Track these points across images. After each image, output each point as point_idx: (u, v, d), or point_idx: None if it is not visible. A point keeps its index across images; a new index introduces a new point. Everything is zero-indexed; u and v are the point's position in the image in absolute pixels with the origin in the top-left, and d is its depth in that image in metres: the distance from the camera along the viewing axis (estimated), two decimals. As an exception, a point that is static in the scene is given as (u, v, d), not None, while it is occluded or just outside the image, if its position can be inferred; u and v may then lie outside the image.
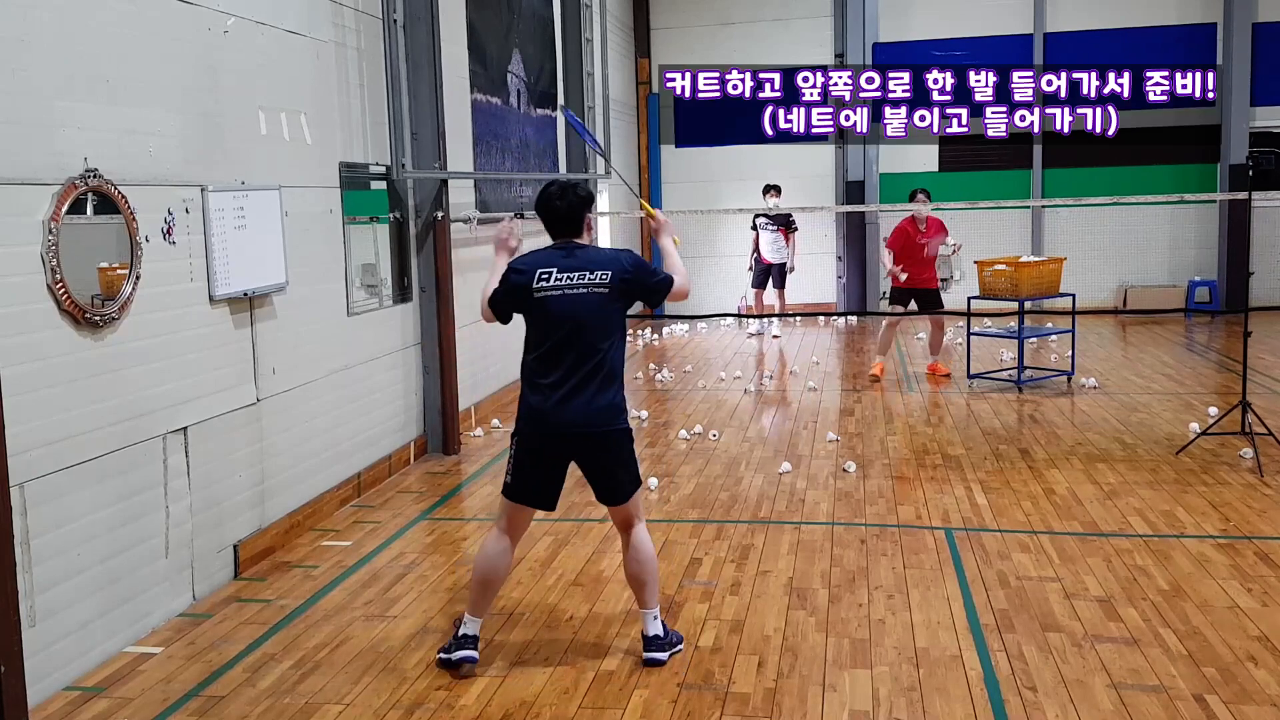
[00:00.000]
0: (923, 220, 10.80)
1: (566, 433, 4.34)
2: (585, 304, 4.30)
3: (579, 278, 4.32)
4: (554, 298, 4.31)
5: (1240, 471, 7.11)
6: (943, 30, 15.90)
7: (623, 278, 4.36)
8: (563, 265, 4.35)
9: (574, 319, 4.29)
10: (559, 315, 4.30)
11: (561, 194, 4.42)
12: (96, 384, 4.63)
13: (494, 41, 9.81)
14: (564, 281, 4.31)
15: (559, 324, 4.30)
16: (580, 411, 4.31)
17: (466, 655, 4.42)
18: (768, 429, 8.91)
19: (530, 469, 4.41)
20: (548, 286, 4.31)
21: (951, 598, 5.13)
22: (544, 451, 4.39)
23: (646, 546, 4.54)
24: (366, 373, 7.28)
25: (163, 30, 5.14)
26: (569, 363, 4.30)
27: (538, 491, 4.46)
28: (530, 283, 4.33)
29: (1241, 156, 14.79)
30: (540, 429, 4.36)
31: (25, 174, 4.26)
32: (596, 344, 4.32)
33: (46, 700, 4.31)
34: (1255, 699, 4.05)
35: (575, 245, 4.43)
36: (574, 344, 4.30)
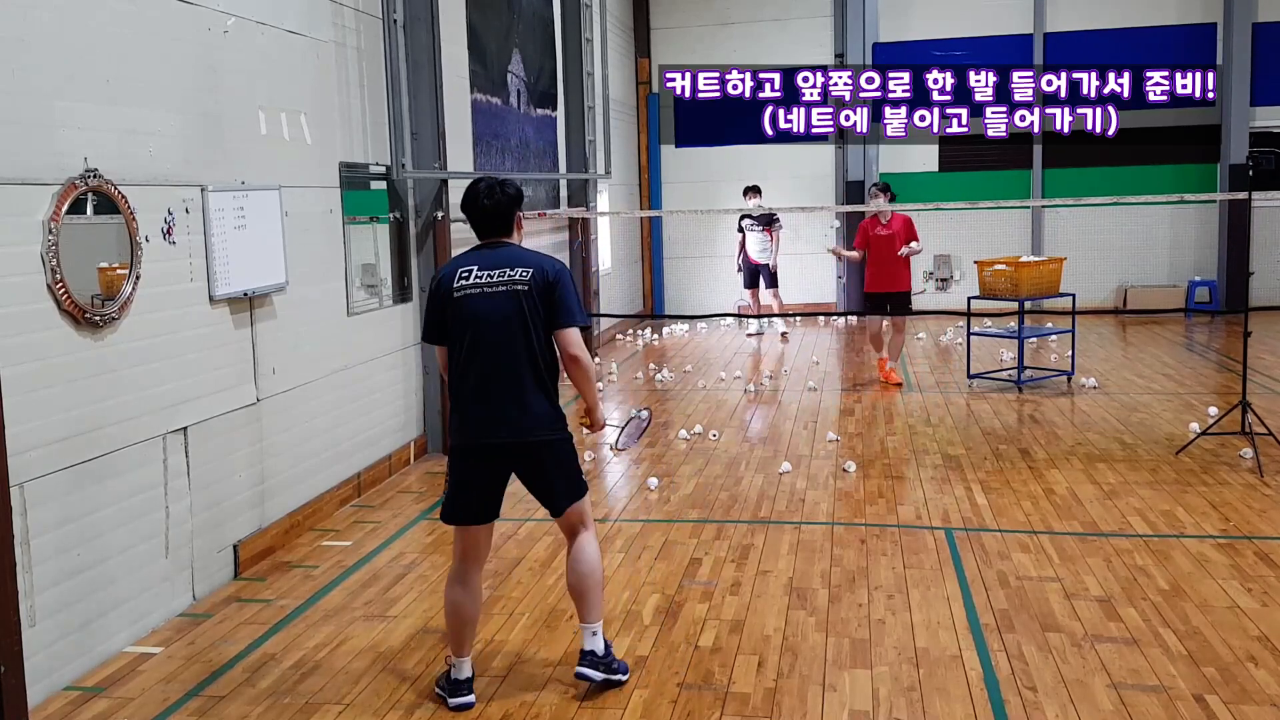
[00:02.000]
0: (885, 215, 10.55)
1: (498, 445, 4.05)
2: (506, 303, 4.00)
3: (499, 275, 4.03)
4: (473, 296, 4.02)
5: (1240, 471, 7.11)
6: (943, 30, 15.90)
7: (545, 280, 4.04)
8: (483, 263, 4.08)
9: (494, 319, 4.00)
10: (477, 315, 4.01)
11: (489, 192, 4.09)
12: (96, 384, 4.63)
13: (494, 41, 9.81)
14: (483, 279, 4.03)
15: (478, 324, 4.01)
16: (512, 422, 4.03)
17: (464, 702, 4.14)
18: (768, 429, 8.91)
19: (468, 488, 4.12)
20: (466, 285, 4.03)
21: (951, 598, 5.13)
22: (479, 468, 4.09)
23: (589, 556, 4.21)
24: (366, 373, 7.28)
25: (163, 30, 5.14)
26: (493, 369, 4.01)
27: (476, 510, 4.14)
28: (450, 284, 4.05)
29: (1241, 156, 14.79)
30: (473, 442, 4.07)
31: (25, 174, 4.26)
32: (520, 348, 4.01)
33: (46, 700, 4.31)
34: (1255, 699, 4.05)
35: (501, 244, 4.15)
36: (497, 347, 4.01)
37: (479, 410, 4.05)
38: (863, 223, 10.91)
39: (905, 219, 10.69)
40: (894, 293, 10.64)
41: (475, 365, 4.04)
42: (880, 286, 10.67)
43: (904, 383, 10.56)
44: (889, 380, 10.62)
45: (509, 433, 4.04)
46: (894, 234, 10.57)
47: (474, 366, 4.04)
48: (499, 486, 4.18)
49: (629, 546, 6.00)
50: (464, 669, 4.20)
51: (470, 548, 4.18)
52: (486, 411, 4.04)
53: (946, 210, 11.23)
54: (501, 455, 4.09)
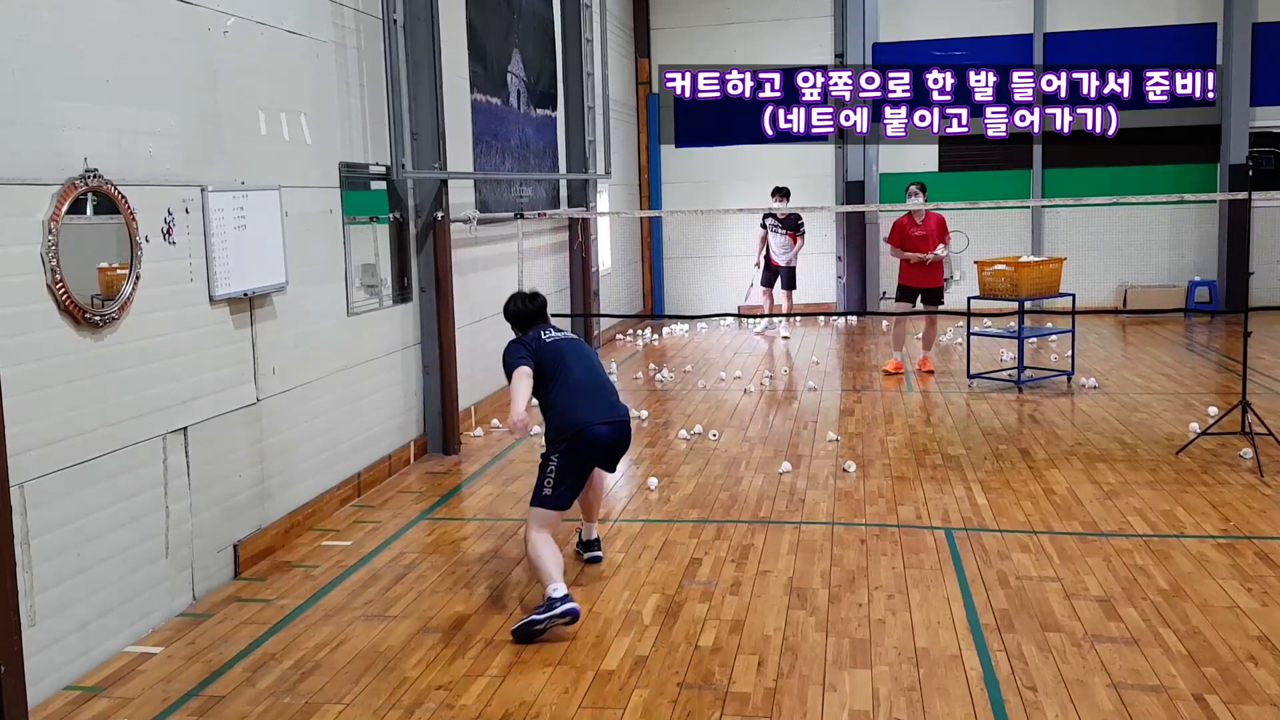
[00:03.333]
0: (920, 214, 10.88)
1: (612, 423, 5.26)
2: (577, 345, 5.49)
3: (561, 335, 5.50)
4: (558, 342, 5.40)
5: (1240, 471, 7.11)
6: (943, 30, 15.90)
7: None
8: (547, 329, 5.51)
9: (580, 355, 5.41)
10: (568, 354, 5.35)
11: (531, 299, 5.58)
12: (96, 384, 4.63)
13: (494, 41, 9.81)
14: (557, 336, 5.47)
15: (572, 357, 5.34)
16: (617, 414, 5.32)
17: (572, 608, 4.79)
18: (768, 429, 8.91)
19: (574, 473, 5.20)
20: (551, 338, 5.42)
21: (951, 598, 5.13)
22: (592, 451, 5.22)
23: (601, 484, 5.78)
24: (366, 373, 7.28)
25: (162, 30, 5.14)
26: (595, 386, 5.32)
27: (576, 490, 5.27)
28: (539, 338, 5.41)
29: (1241, 156, 14.79)
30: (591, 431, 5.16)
31: (25, 174, 4.26)
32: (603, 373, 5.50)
33: (46, 700, 4.32)
34: (1255, 699, 4.05)
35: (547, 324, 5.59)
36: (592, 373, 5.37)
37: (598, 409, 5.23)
38: (898, 221, 11.19)
39: (939, 218, 11.06)
40: (927, 288, 11.11)
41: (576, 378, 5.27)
42: (914, 281, 11.14)
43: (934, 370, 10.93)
44: (924, 367, 11.14)
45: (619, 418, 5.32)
46: (929, 234, 10.95)
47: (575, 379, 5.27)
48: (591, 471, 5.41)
49: (629, 546, 6.00)
50: (563, 586, 4.87)
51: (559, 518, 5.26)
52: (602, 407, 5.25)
53: (946, 210, 11.24)
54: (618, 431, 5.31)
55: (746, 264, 15.39)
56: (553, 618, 4.74)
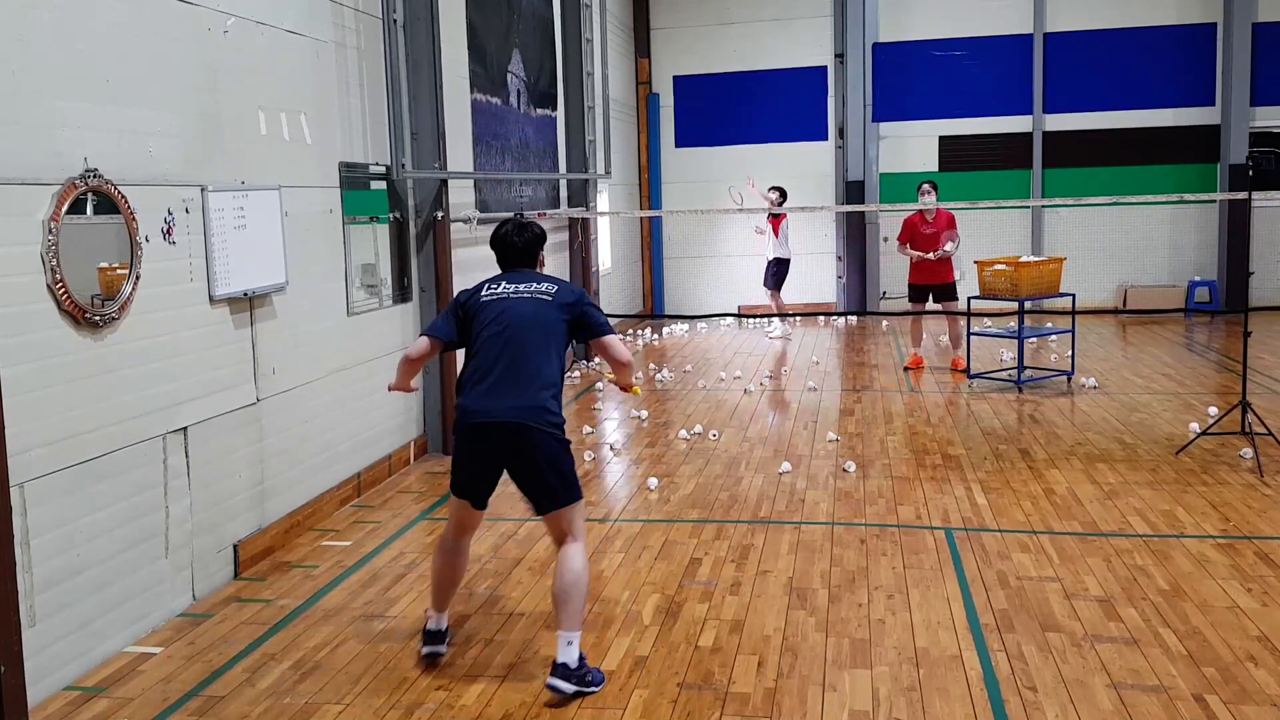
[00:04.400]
0: (930, 212, 10.91)
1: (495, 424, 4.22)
2: (525, 306, 4.35)
3: (525, 287, 4.41)
4: (496, 301, 4.39)
5: (1240, 471, 7.11)
6: (943, 30, 15.90)
7: (569, 297, 4.43)
8: (511, 280, 4.48)
9: (513, 320, 4.30)
10: (498, 315, 4.33)
11: (519, 230, 4.56)
12: (96, 384, 4.64)
13: (494, 41, 9.81)
14: (510, 290, 4.41)
15: (500, 320, 4.31)
16: (507, 406, 4.21)
17: (433, 651, 4.56)
18: (768, 429, 8.91)
19: (463, 465, 4.40)
20: (495, 292, 4.42)
21: (951, 598, 5.13)
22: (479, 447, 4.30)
23: (574, 566, 4.24)
24: (366, 373, 7.28)
25: (162, 30, 5.14)
26: (505, 360, 4.26)
27: (470, 487, 4.43)
28: (479, 294, 4.44)
29: (1241, 156, 14.79)
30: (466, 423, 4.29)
31: (25, 174, 4.26)
32: (532, 348, 4.27)
33: (46, 700, 4.32)
34: (1255, 699, 4.05)
35: (526, 271, 4.57)
36: (513, 343, 4.27)
37: (483, 392, 4.27)
38: (909, 219, 11.24)
39: (949, 216, 11.15)
40: (938, 285, 11.13)
41: (488, 355, 4.30)
42: (924, 279, 11.19)
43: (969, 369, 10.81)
44: (957, 367, 11.13)
45: (507, 412, 4.21)
46: (938, 231, 11.04)
47: (487, 356, 4.30)
48: (491, 471, 4.38)
49: (629, 546, 6.00)
50: (440, 621, 4.59)
51: (465, 520, 4.56)
52: (490, 393, 4.26)
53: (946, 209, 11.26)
54: (498, 435, 4.24)
55: (746, 264, 15.42)
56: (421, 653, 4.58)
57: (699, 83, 16.67)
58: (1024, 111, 15.80)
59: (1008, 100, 15.84)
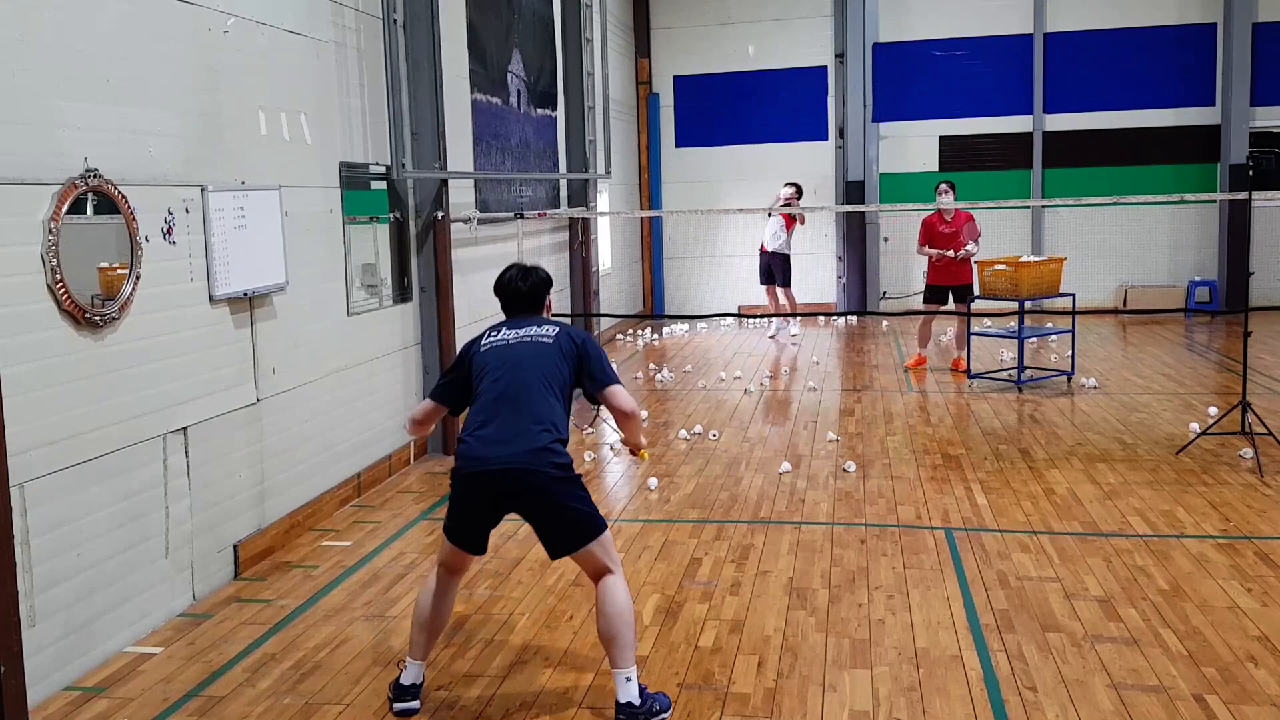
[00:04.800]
0: (949, 212, 10.90)
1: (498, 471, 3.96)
2: (525, 350, 4.14)
3: (524, 333, 4.21)
4: (497, 348, 4.18)
5: (1240, 471, 7.11)
6: (943, 30, 15.90)
7: (570, 339, 4.21)
8: (512, 326, 4.27)
9: (511, 366, 4.10)
10: (501, 360, 4.13)
11: (524, 276, 4.36)
12: (96, 384, 4.63)
13: (494, 41, 9.81)
14: (510, 336, 4.21)
15: (496, 369, 4.11)
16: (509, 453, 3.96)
17: (407, 708, 4.10)
18: (768, 429, 8.91)
19: (462, 513, 4.12)
20: (494, 340, 4.22)
21: (951, 598, 5.13)
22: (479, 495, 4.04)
23: (618, 598, 4.01)
24: (366, 373, 7.28)
25: (163, 30, 5.14)
26: (506, 406, 4.03)
27: (465, 535, 4.14)
28: (478, 344, 4.25)
29: (1241, 156, 14.79)
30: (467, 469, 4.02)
31: (25, 174, 4.26)
32: (533, 392, 4.05)
33: (46, 700, 4.32)
34: (1255, 699, 4.05)
35: (530, 317, 4.34)
36: (509, 390, 4.06)
37: (484, 439, 4.02)
38: (927, 219, 11.23)
39: (968, 216, 11.12)
40: (958, 285, 11.11)
41: (487, 401, 4.08)
42: (942, 280, 11.16)
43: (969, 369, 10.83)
44: (959, 367, 11.10)
45: (509, 459, 3.95)
46: (957, 230, 11.01)
47: (486, 402, 4.08)
48: (489, 516, 4.12)
49: (629, 546, 6.00)
50: (416, 674, 4.16)
51: (453, 563, 4.23)
52: (491, 440, 4.00)
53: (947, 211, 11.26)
54: (499, 482, 3.99)
55: (746, 264, 15.39)
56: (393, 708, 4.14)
57: (699, 83, 16.67)
58: (1024, 111, 15.80)
59: (1008, 100, 15.84)
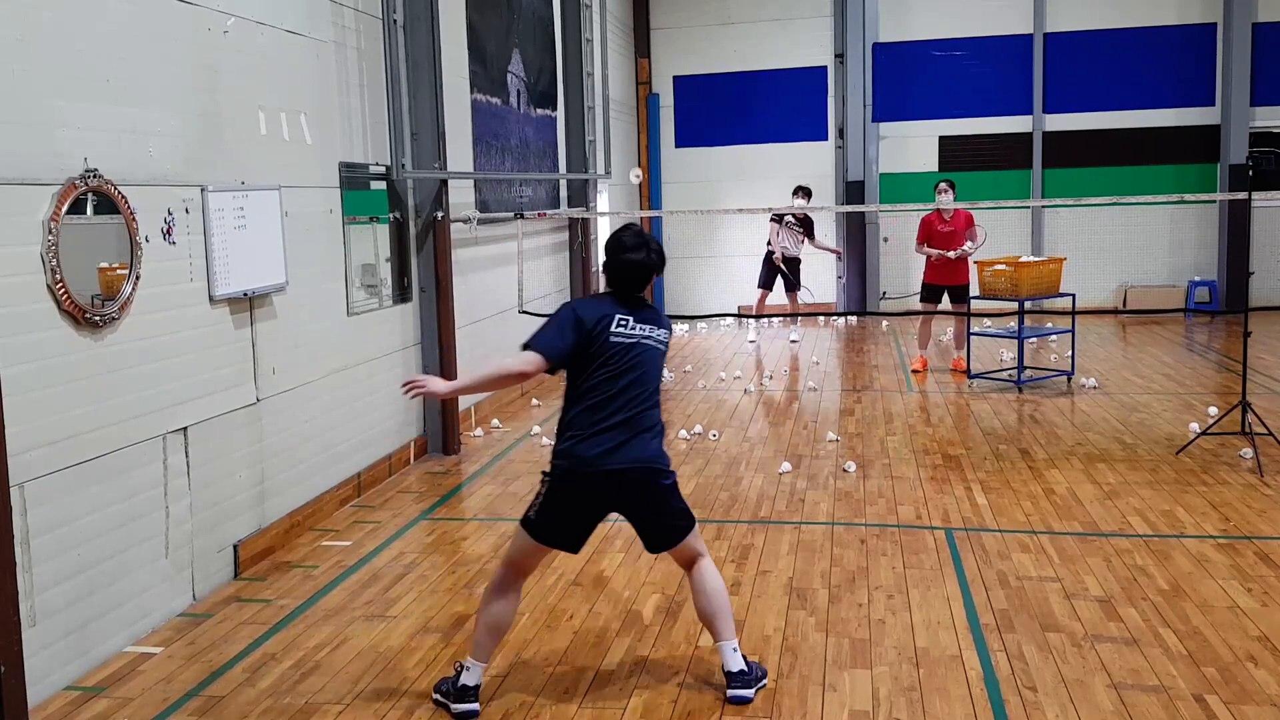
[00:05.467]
0: (948, 211, 10.89)
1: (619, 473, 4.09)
2: (648, 355, 4.18)
3: (649, 330, 4.19)
4: (627, 344, 4.13)
5: (1240, 471, 7.11)
6: (943, 30, 15.90)
7: (668, 341, 4.33)
8: (636, 318, 4.19)
9: (640, 367, 4.14)
10: (628, 360, 4.12)
11: (660, 258, 4.26)
12: (96, 384, 4.63)
13: (494, 41, 9.81)
14: (637, 332, 4.16)
15: (626, 369, 4.11)
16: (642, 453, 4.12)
17: (469, 709, 4.12)
18: (768, 429, 8.91)
19: (566, 513, 4.17)
20: (623, 332, 4.14)
21: (951, 598, 5.13)
22: (586, 494, 4.14)
23: (712, 578, 4.29)
24: (366, 373, 7.28)
25: (163, 30, 5.14)
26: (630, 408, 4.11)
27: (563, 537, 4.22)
28: (610, 325, 4.13)
29: (1241, 156, 14.79)
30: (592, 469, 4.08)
31: (25, 174, 4.26)
32: (650, 393, 4.19)
33: (46, 700, 4.32)
34: (1255, 699, 4.05)
35: (643, 301, 4.28)
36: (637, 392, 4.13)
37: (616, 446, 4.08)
38: (926, 218, 11.21)
39: (967, 215, 11.10)
40: (954, 285, 11.10)
41: (617, 404, 4.10)
42: (939, 279, 11.13)
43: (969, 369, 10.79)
44: (959, 368, 11.07)
45: (642, 461, 4.12)
46: (957, 230, 11.01)
47: (615, 405, 4.10)
48: (598, 516, 4.23)
49: (629, 546, 6.00)
50: (476, 675, 4.17)
51: (535, 565, 4.35)
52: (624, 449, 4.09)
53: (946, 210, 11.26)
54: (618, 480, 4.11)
55: (746, 264, 15.36)
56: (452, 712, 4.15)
57: (699, 83, 16.67)
58: (1024, 111, 15.80)
59: (1008, 100, 15.84)
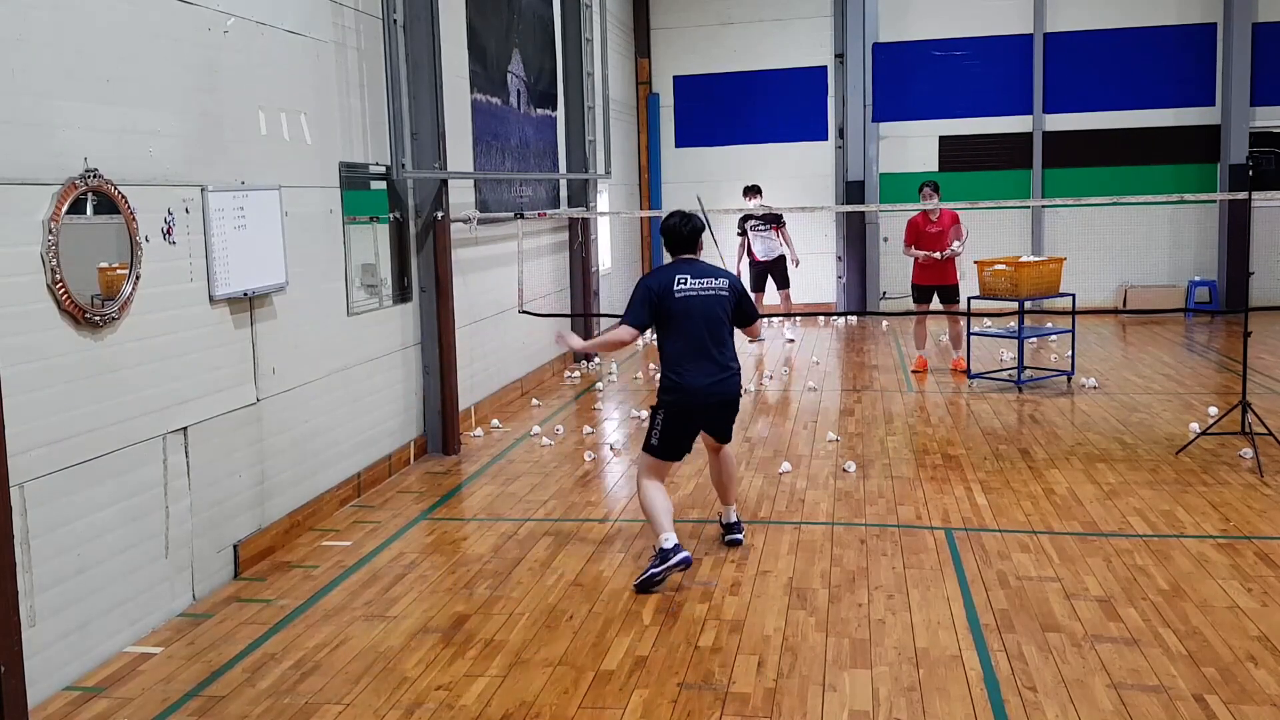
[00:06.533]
0: (934, 212, 10.88)
1: (714, 400, 5.59)
2: (714, 304, 5.56)
3: (707, 283, 5.57)
4: (691, 297, 5.52)
5: (1240, 471, 7.11)
6: (943, 30, 15.91)
7: (734, 289, 5.66)
8: (692, 273, 5.58)
9: (708, 314, 5.52)
10: (694, 310, 5.50)
11: (685, 221, 5.72)
12: (96, 384, 4.64)
13: (494, 41, 9.81)
14: (697, 286, 5.55)
15: (695, 317, 5.50)
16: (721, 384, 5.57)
17: (685, 557, 5.33)
18: (768, 429, 8.91)
19: (677, 432, 5.59)
20: (685, 289, 5.52)
21: (951, 598, 5.13)
22: (693, 417, 5.61)
23: (732, 460, 6.01)
24: (366, 373, 7.28)
25: (163, 30, 5.14)
26: (707, 349, 5.51)
27: (681, 448, 5.67)
28: (671, 287, 5.51)
29: (1241, 156, 14.79)
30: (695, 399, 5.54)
31: (25, 174, 4.26)
32: (724, 333, 5.58)
33: (46, 700, 4.32)
34: (1255, 699, 4.05)
35: (696, 260, 5.70)
36: (708, 334, 5.52)
37: (709, 380, 5.54)
38: (913, 219, 11.22)
39: (953, 216, 11.09)
40: (943, 285, 11.09)
41: (697, 345, 5.52)
42: (928, 280, 11.12)
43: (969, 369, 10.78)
44: (959, 368, 11.06)
45: (729, 391, 5.63)
46: (943, 230, 11.00)
47: (696, 346, 5.52)
48: (697, 431, 5.74)
49: (629, 546, 6.00)
50: (671, 539, 5.36)
51: (669, 468, 5.81)
52: (713, 380, 5.55)
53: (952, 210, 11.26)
54: (710, 408, 5.64)
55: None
56: (669, 568, 5.29)
57: (699, 83, 16.67)
58: (1024, 111, 15.81)
59: (1008, 100, 15.85)
